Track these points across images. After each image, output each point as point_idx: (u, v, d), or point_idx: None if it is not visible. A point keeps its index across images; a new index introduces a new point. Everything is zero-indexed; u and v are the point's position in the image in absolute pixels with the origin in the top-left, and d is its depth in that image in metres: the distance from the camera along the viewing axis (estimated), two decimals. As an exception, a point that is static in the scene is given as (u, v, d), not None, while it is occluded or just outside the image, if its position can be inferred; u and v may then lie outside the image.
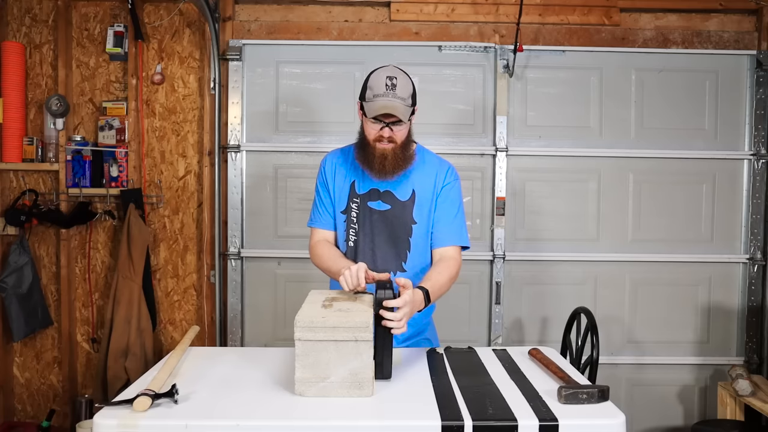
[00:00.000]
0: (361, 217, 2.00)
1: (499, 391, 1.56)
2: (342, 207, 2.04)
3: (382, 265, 1.98)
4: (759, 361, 3.34)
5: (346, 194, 2.03)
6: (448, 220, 2.01)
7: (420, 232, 2.00)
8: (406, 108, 1.88)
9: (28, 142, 3.20)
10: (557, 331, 3.10)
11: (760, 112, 3.31)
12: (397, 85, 1.86)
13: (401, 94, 1.87)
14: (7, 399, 3.29)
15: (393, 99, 1.85)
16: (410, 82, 1.92)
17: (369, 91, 1.89)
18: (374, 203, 2.00)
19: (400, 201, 2.00)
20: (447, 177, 2.02)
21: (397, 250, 1.99)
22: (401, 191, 2.00)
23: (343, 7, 3.32)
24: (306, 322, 1.49)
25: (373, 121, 1.89)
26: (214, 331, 3.30)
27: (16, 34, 3.27)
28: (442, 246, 2.00)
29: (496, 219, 3.28)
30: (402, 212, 1.99)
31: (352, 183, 2.02)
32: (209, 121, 3.27)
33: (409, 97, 1.89)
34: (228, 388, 1.59)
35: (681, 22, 3.37)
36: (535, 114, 3.32)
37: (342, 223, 2.04)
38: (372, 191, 2.00)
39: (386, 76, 1.87)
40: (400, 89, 1.87)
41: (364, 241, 1.99)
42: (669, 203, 3.34)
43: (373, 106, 1.87)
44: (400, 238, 1.99)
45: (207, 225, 3.29)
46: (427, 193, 2.00)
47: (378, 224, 1.99)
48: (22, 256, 3.17)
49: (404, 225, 1.99)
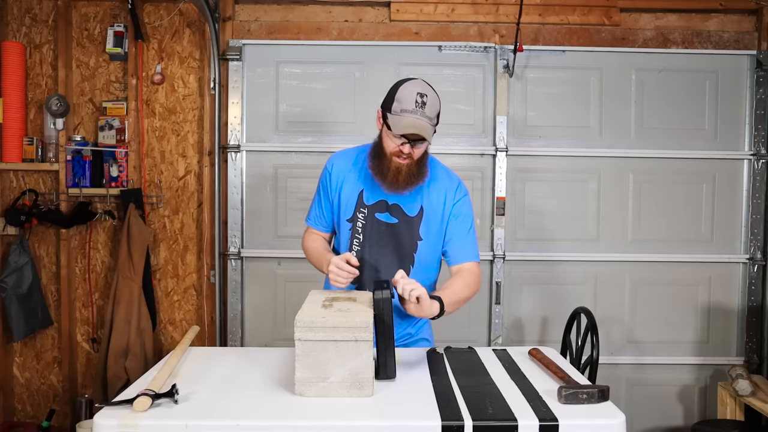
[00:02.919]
0: (368, 227, 1.98)
1: (499, 391, 1.55)
2: (348, 215, 2.01)
3: (386, 277, 1.95)
4: (759, 361, 3.34)
5: (354, 203, 1.99)
6: (462, 236, 1.99)
7: (425, 248, 1.98)
8: (432, 127, 1.82)
9: (28, 142, 3.20)
10: (557, 331, 3.10)
11: (760, 112, 3.31)
12: (427, 103, 1.79)
13: (430, 114, 1.80)
14: (7, 399, 3.29)
15: (422, 118, 1.78)
16: (438, 99, 1.85)
17: (396, 104, 1.81)
18: (382, 215, 1.97)
19: (407, 216, 1.97)
20: (456, 194, 1.99)
21: (401, 264, 1.97)
22: (410, 206, 1.97)
23: (343, 7, 3.32)
24: (306, 322, 1.49)
25: (396, 136, 1.82)
26: (214, 331, 3.30)
27: (16, 34, 3.27)
28: (457, 263, 1.99)
29: (496, 219, 3.28)
30: (408, 227, 1.97)
31: (360, 192, 1.99)
32: (209, 121, 3.27)
33: (435, 117, 1.84)
34: (228, 388, 1.59)
35: (681, 22, 3.37)
36: (535, 114, 3.32)
37: (347, 231, 2.01)
38: (380, 203, 1.97)
39: (417, 92, 1.79)
40: (429, 108, 1.80)
41: (369, 252, 1.98)
42: (669, 203, 3.34)
43: (400, 122, 1.80)
44: (405, 252, 1.98)
45: (207, 225, 3.29)
46: (437, 211, 1.98)
47: (384, 237, 1.97)
48: (22, 256, 3.17)
49: (410, 240, 1.97)
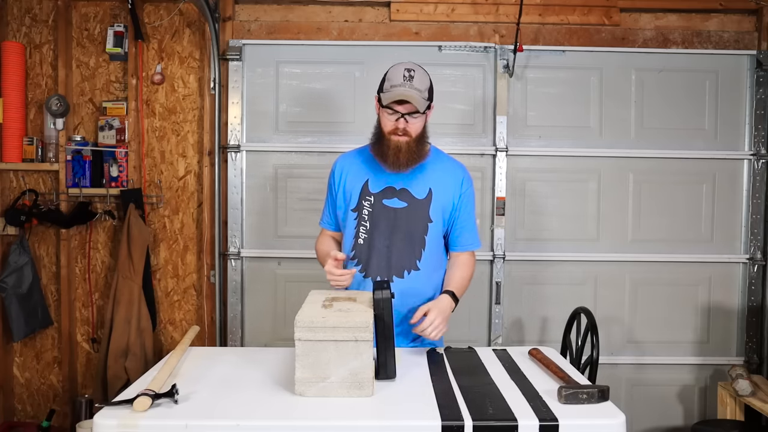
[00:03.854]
0: (375, 214, 2.00)
1: (499, 391, 1.56)
2: (353, 205, 2.04)
3: (397, 262, 1.99)
4: (759, 361, 3.34)
5: (358, 192, 2.03)
6: (469, 225, 2.08)
7: (435, 230, 2.02)
8: (423, 99, 1.92)
9: (28, 142, 3.20)
10: (557, 331, 3.10)
11: (760, 112, 3.31)
12: (415, 77, 1.91)
13: (418, 86, 1.91)
14: (7, 399, 3.29)
15: (410, 89, 1.89)
16: (428, 77, 1.97)
17: (387, 83, 1.94)
18: (390, 201, 2.00)
19: (416, 199, 2.01)
20: (464, 183, 2.06)
21: (412, 247, 2.00)
22: (418, 189, 2.01)
23: (343, 7, 3.32)
24: (306, 322, 1.49)
25: (389, 112, 1.93)
26: (214, 331, 3.30)
27: (16, 34, 3.27)
28: (463, 250, 2.09)
29: (496, 219, 3.28)
30: (418, 210, 2.01)
31: (365, 182, 2.03)
32: (209, 121, 3.27)
33: (426, 90, 1.94)
34: (228, 388, 1.59)
35: (681, 22, 3.37)
36: (535, 114, 3.32)
37: (353, 221, 2.04)
38: (387, 189, 2.01)
39: (405, 68, 1.93)
40: (418, 81, 1.92)
41: (379, 239, 2.00)
42: (669, 203, 3.34)
43: (389, 94, 1.91)
44: (416, 235, 2.00)
45: (207, 225, 3.29)
46: (447, 195, 2.03)
47: (394, 222, 2.00)
48: (22, 256, 3.17)
49: (421, 223, 2.01)
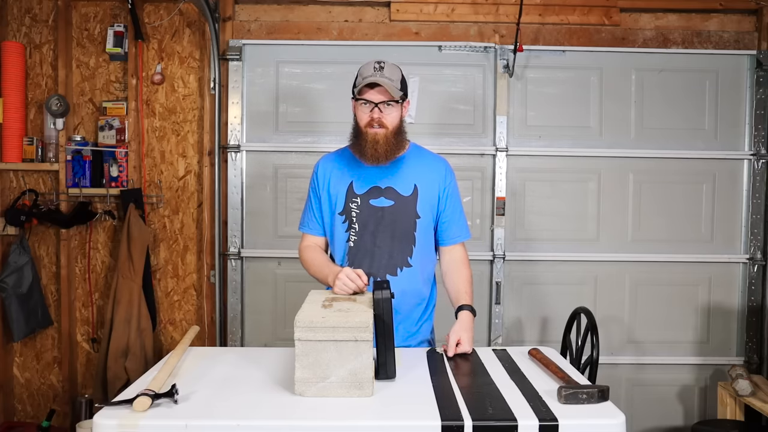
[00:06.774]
0: (363, 216, 2.00)
1: (499, 391, 1.55)
2: (340, 208, 2.03)
3: (388, 261, 1.99)
4: (759, 361, 3.34)
5: (344, 196, 2.02)
6: (456, 217, 2.08)
7: (424, 226, 2.02)
8: (395, 88, 1.92)
9: (28, 142, 3.20)
10: (557, 331, 3.10)
11: (760, 112, 3.31)
12: (385, 68, 1.93)
13: (389, 75, 1.92)
14: (7, 399, 3.29)
15: (381, 78, 1.90)
16: (399, 70, 1.98)
17: (358, 78, 1.96)
18: (376, 200, 2.00)
19: (403, 196, 2.00)
20: (447, 176, 2.07)
21: (402, 245, 2.00)
22: (403, 186, 2.01)
23: (343, 7, 3.32)
24: (306, 322, 1.49)
25: (363, 103, 1.93)
26: (214, 331, 3.30)
27: (16, 34, 3.27)
28: (453, 243, 2.08)
29: (496, 219, 3.28)
30: (406, 207, 2.00)
31: (350, 184, 2.02)
32: (209, 121, 3.27)
33: (398, 81, 1.95)
34: (228, 388, 1.59)
35: (681, 22, 3.37)
36: (535, 114, 3.32)
37: (341, 224, 2.03)
38: (373, 189, 2.01)
39: (375, 62, 1.95)
40: (388, 71, 1.93)
41: (369, 240, 1.99)
42: (669, 203, 3.34)
43: (360, 82, 1.93)
44: (406, 233, 2.00)
45: (207, 225, 3.29)
46: (432, 190, 2.03)
47: (382, 221, 1.99)
48: (22, 256, 3.17)
49: (409, 220, 2.00)
